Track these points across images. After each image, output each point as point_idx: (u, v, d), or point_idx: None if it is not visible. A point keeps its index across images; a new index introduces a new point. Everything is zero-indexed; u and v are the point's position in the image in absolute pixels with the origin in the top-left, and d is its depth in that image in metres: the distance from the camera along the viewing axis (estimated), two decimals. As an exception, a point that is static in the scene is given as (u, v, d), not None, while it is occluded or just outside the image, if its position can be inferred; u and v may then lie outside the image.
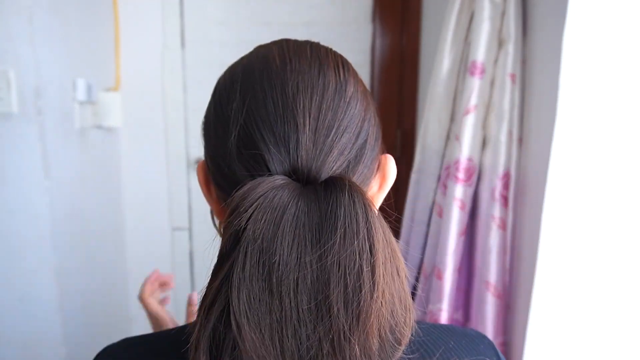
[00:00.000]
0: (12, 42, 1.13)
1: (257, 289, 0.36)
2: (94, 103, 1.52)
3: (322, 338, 0.36)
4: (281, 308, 0.36)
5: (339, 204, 0.37)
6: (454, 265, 1.07)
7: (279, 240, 0.36)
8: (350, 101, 0.43)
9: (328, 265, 0.36)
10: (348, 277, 0.36)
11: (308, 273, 0.36)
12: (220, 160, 0.43)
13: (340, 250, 0.36)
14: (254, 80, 0.43)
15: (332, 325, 0.36)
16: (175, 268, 1.91)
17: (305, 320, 0.36)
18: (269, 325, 0.36)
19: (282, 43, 0.47)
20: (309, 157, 0.40)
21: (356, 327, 0.36)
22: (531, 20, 1.01)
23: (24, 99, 1.15)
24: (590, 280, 0.92)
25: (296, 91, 0.41)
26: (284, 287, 0.36)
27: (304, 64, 0.43)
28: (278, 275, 0.36)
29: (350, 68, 0.46)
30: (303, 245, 0.36)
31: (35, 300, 1.25)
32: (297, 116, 0.40)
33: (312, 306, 0.36)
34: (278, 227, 0.36)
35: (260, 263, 0.36)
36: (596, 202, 0.90)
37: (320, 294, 0.36)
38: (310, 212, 0.37)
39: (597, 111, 0.87)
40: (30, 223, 1.22)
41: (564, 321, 0.95)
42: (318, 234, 0.37)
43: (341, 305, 0.36)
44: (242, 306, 0.35)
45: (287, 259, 0.36)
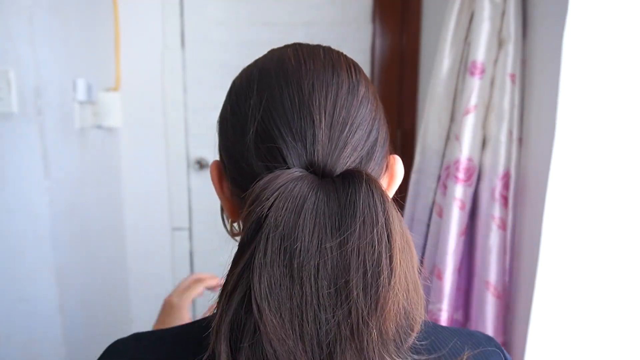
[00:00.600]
0: (12, 42, 1.13)
1: (278, 274, 0.37)
2: (94, 103, 1.52)
3: (340, 322, 0.37)
4: (302, 293, 0.37)
5: (358, 194, 0.39)
6: (454, 265, 1.07)
7: (300, 228, 0.37)
8: (362, 100, 0.45)
9: (348, 251, 0.37)
10: (367, 263, 0.37)
11: (328, 259, 0.37)
12: (238, 155, 0.45)
13: (360, 238, 0.37)
14: (270, 79, 0.44)
15: (351, 310, 0.37)
16: (175, 268, 1.91)
17: (325, 304, 0.37)
18: (289, 309, 0.37)
19: (295, 46, 0.49)
20: (325, 152, 0.42)
21: (374, 312, 0.37)
22: (531, 20, 1.01)
23: (24, 99, 1.15)
24: (591, 280, 0.92)
25: (312, 89, 0.43)
26: (305, 273, 0.37)
27: (318, 65, 0.45)
28: (299, 261, 0.37)
29: (361, 71, 0.48)
30: (324, 233, 0.38)
31: (35, 300, 1.25)
32: (313, 112, 0.42)
33: (332, 291, 0.37)
34: (299, 215, 0.38)
35: (281, 249, 0.37)
36: (596, 202, 0.90)
37: (340, 279, 0.37)
38: (329, 201, 0.39)
39: (597, 111, 0.87)
40: (30, 223, 1.22)
41: (565, 321, 0.95)
42: (338, 222, 0.38)
43: (360, 291, 0.37)
44: (263, 291, 0.37)
45: (308, 245, 0.37)
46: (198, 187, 1.88)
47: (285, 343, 0.37)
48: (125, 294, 1.87)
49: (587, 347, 0.95)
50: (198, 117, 1.82)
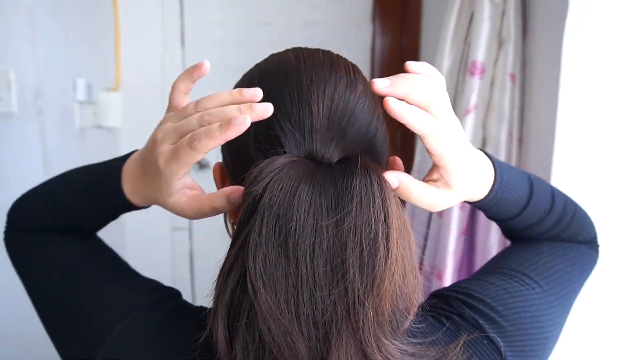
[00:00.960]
0: (12, 42, 1.13)
1: (273, 253, 0.37)
2: (94, 103, 1.52)
3: (337, 302, 0.37)
4: (297, 272, 0.37)
5: (354, 176, 0.39)
6: (454, 265, 1.07)
7: (295, 207, 0.38)
8: (360, 97, 0.45)
9: (344, 230, 0.37)
10: (364, 242, 0.37)
11: (324, 238, 0.37)
12: (238, 148, 0.46)
13: (357, 217, 0.37)
14: (270, 78, 0.46)
15: (347, 289, 0.37)
16: (175, 268, 1.91)
17: (321, 284, 0.37)
18: (285, 289, 0.37)
19: (295, 49, 0.50)
20: (323, 141, 0.43)
21: (370, 292, 0.37)
22: (531, 20, 1.01)
23: (24, 99, 1.15)
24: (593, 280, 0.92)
25: (310, 83, 0.44)
26: (300, 252, 0.37)
27: (317, 63, 0.46)
28: (294, 240, 0.37)
29: (359, 71, 0.49)
30: (319, 212, 0.38)
31: (35, 300, 1.25)
32: (311, 103, 0.43)
33: (328, 270, 0.37)
34: (294, 195, 0.38)
35: (276, 229, 0.37)
36: (597, 202, 0.90)
37: (336, 258, 0.37)
38: (325, 182, 0.39)
39: (597, 111, 0.87)
40: (30, 223, 1.22)
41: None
42: (334, 202, 0.38)
43: (356, 270, 0.37)
44: (258, 270, 0.37)
45: (304, 224, 0.37)
46: (198, 187, 1.87)
47: (280, 322, 0.37)
48: (125, 294, 1.87)
49: (588, 347, 0.95)
50: (198, 117, 1.82)
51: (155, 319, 0.47)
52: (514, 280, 0.50)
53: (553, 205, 0.56)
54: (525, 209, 0.53)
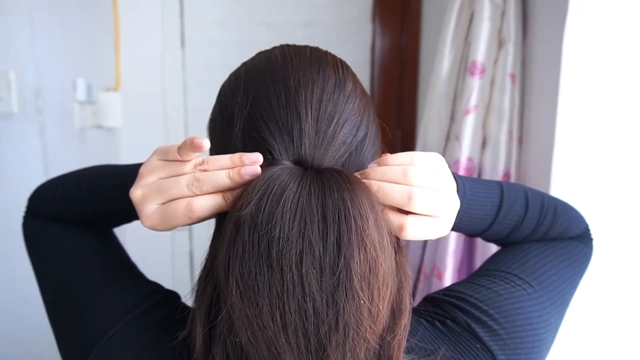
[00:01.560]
0: (12, 42, 1.13)
1: (252, 264, 0.36)
2: (94, 103, 1.52)
3: (339, 312, 0.35)
4: (282, 282, 0.35)
5: (341, 189, 0.37)
6: (454, 265, 1.06)
7: (279, 215, 0.36)
8: (349, 96, 0.44)
9: (335, 240, 0.36)
10: (358, 250, 0.36)
11: (315, 247, 0.35)
12: (225, 151, 0.44)
13: (348, 226, 0.36)
14: (257, 77, 0.44)
15: (346, 299, 0.35)
16: (175, 268, 1.91)
17: (313, 293, 0.35)
18: (268, 299, 0.35)
19: (282, 46, 0.48)
20: (312, 145, 0.41)
21: (370, 300, 0.36)
22: (531, 20, 1.01)
23: (24, 99, 1.15)
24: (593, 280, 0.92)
25: (298, 84, 0.43)
26: (285, 261, 0.35)
27: (305, 62, 0.45)
28: (278, 249, 0.35)
29: (348, 68, 0.47)
30: (307, 221, 0.36)
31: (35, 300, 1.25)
32: (299, 106, 0.42)
33: (322, 279, 0.35)
34: (277, 203, 0.36)
35: (255, 238, 0.36)
36: (597, 202, 0.90)
37: (329, 267, 0.36)
38: (312, 192, 0.37)
39: (597, 111, 0.87)
40: (30, 223, 1.22)
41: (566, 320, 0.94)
42: (323, 210, 0.36)
43: (354, 279, 0.35)
44: (232, 282, 0.35)
45: (289, 233, 0.36)
46: (198, 187, 1.87)
47: (263, 332, 0.35)
48: (125, 294, 1.87)
49: (589, 347, 0.95)
50: (198, 117, 1.82)
51: (147, 325, 0.47)
52: (504, 281, 0.49)
53: (527, 209, 0.55)
54: (494, 221, 0.53)
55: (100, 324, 0.47)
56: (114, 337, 0.46)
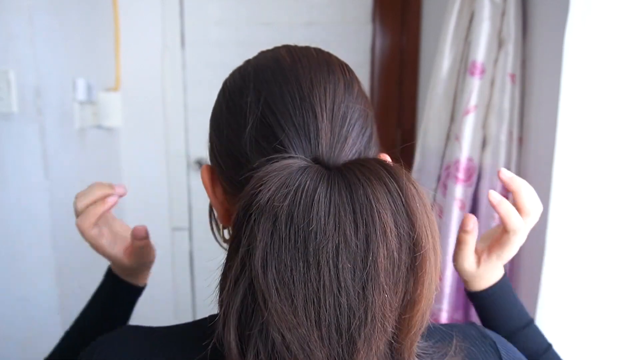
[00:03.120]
0: (12, 42, 1.13)
1: (288, 259, 0.35)
2: (94, 103, 1.52)
3: (368, 307, 0.36)
4: (319, 278, 0.35)
5: (372, 180, 0.37)
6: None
7: (314, 210, 0.36)
8: (357, 97, 0.45)
9: (370, 234, 0.36)
10: (391, 246, 0.36)
11: (350, 241, 0.35)
12: (236, 152, 0.44)
13: (381, 220, 0.36)
14: (267, 76, 0.44)
15: (378, 294, 0.36)
16: (175, 268, 1.91)
17: (348, 289, 0.35)
18: (304, 296, 0.35)
19: (287, 46, 0.48)
20: (328, 145, 0.42)
21: (400, 297, 0.37)
22: (531, 20, 1.01)
23: (24, 99, 1.15)
24: (595, 280, 0.92)
25: (311, 85, 0.43)
26: (323, 256, 0.35)
27: (313, 62, 0.45)
28: (315, 244, 0.35)
29: (352, 70, 0.48)
30: (341, 215, 0.36)
31: (35, 300, 1.25)
32: (315, 106, 0.42)
33: (356, 274, 0.36)
34: (312, 197, 0.36)
35: (291, 233, 0.35)
36: (598, 202, 0.89)
37: (364, 262, 0.36)
38: (341, 188, 0.37)
39: (598, 111, 0.87)
40: (30, 223, 1.22)
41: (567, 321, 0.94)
42: (356, 204, 0.36)
43: (387, 275, 0.36)
44: (269, 278, 0.35)
45: (324, 227, 0.35)
46: (198, 187, 1.87)
47: (297, 331, 0.35)
48: (125, 294, 1.87)
49: (591, 347, 0.95)
50: (198, 117, 1.82)
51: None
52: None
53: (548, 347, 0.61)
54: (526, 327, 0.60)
55: None
56: None
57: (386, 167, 0.38)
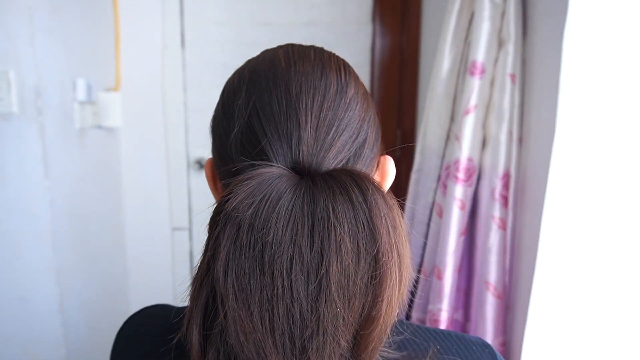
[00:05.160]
0: (12, 42, 1.13)
1: (247, 266, 0.37)
2: (94, 103, 1.52)
3: (320, 319, 0.36)
4: (273, 286, 0.36)
5: (337, 193, 0.38)
6: (454, 265, 1.07)
7: (273, 220, 0.37)
8: (350, 102, 0.45)
9: (326, 249, 0.36)
10: (347, 262, 0.36)
11: (304, 254, 0.36)
12: (225, 154, 0.45)
13: (338, 235, 0.36)
14: (259, 80, 0.45)
15: (328, 308, 0.36)
16: (175, 268, 1.91)
17: (300, 299, 0.36)
18: (259, 302, 0.36)
19: (287, 47, 0.49)
20: (310, 153, 0.42)
21: (355, 313, 0.37)
22: (531, 20, 1.01)
23: (24, 99, 1.15)
24: (590, 280, 0.92)
25: (299, 91, 0.43)
26: (277, 266, 0.36)
27: (308, 67, 0.45)
28: (271, 254, 0.36)
29: (351, 71, 0.48)
30: (299, 228, 0.37)
31: (35, 300, 1.25)
32: (299, 114, 0.42)
33: (309, 286, 0.36)
34: (273, 209, 0.37)
35: (251, 241, 0.37)
36: (596, 202, 0.90)
37: (317, 275, 0.36)
38: (305, 200, 0.38)
39: (597, 111, 0.87)
40: (30, 223, 1.22)
41: (562, 321, 0.95)
42: (316, 218, 0.37)
43: (339, 291, 0.36)
44: (229, 282, 0.36)
45: (281, 239, 0.37)
46: (198, 187, 1.88)
47: (252, 335, 0.36)
48: (125, 294, 1.87)
49: (585, 347, 0.95)
50: (198, 117, 1.82)
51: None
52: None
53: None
54: None
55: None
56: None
57: (357, 180, 0.38)
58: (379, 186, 0.39)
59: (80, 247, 1.42)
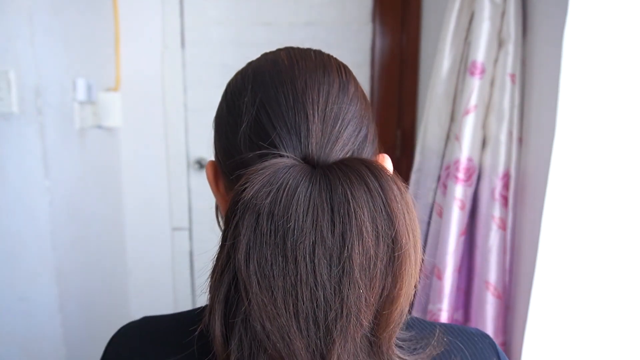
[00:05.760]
0: (12, 42, 1.13)
1: (268, 253, 0.37)
2: (94, 103, 1.52)
3: (344, 300, 0.37)
4: (296, 272, 0.37)
5: (353, 179, 0.39)
6: (454, 265, 1.07)
7: (294, 207, 0.38)
8: (352, 99, 0.46)
9: (347, 231, 0.37)
10: (368, 244, 0.37)
11: (327, 238, 0.37)
12: (233, 150, 0.46)
13: (358, 218, 0.37)
14: (264, 78, 0.46)
15: (352, 290, 0.37)
16: (175, 268, 1.91)
17: (324, 283, 0.37)
18: (282, 288, 0.37)
19: (288, 49, 0.50)
20: (318, 145, 0.43)
21: (377, 294, 0.38)
22: (531, 20, 1.01)
23: (24, 99, 1.15)
24: (590, 280, 0.92)
25: (305, 86, 0.45)
26: (300, 252, 0.37)
27: (310, 65, 0.47)
28: (293, 240, 0.37)
29: (350, 72, 0.50)
30: (319, 213, 0.38)
31: (35, 300, 1.25)
32: (307, 107, 0.44)
33: (333, 269, 0.37)
34: (292, 196, 0.38)
35: (272, 228, 0.38)
36: (596, 202, 0.90)
37: (340, 258, 0.37)
38: (322, 187, 0.39)
39: (597, 111, 0.87)
40: (30, 223, 1.22)
41: (562, 321, 0.95)
42: (335, 203, 0.38)
43: (362, 272, 0.37)
44: (251, 270, 0.37)
45: (302, 224, 0.37)
46: (198, 187, 1.88)
47: (276, 321, 0.37)
48: (125, 294, 1.87)
49: (585, 347, 0.95)
50: (198, 117, 1.82)
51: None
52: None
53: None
54: None
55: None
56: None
57: (370, 167, 0.40)
58: (389, 172, 0.41)
59: (80, 247, 1.41)
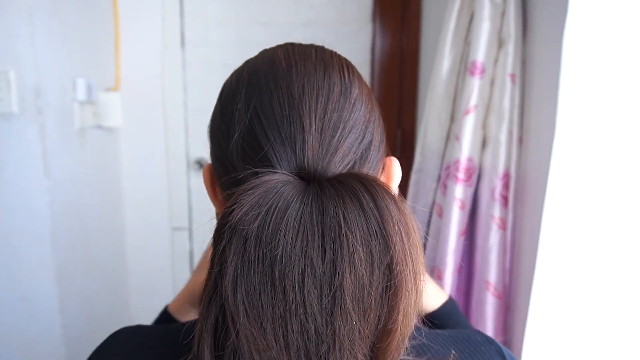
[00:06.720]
0: (12, 42, 1.13)
1: (256, 282, 0.35)
2: (94, 103, 1.52)
3: (335, 333, 0.35)
4: (285, 302, 0.34)
5: (346, 200, 0.36)
6: (454, 265, 1.07)
7: (282, 233, 0.35)
8: (355, 103, 0.43)
9: (338, 259, 0.35)
10: (362, 272, 0.35)
11: (316, 266, 0.35)
12: (226, 160, 0.43)
13: (351, 244, 0.35)
14: (259, 81, 0.43)
15: (344, 322, 0.35)
16: (175, 268, 1.91)
17: (315, 314, 0.35)
18: (271, 319, 0.35)
19: (287, 46, 0.47)
20: (315, 157, 0.40)
21: (372, 326, 0.36)
22: (531, 20, 1.01)
23: (24, 99, 1.15)
24: (590, 280, 0.92)
25: (302, 92, 0.41)
26: (288, 281, 0.34)
27: (310, 67, 0.43)
28: (281, 268, 0.34)
29: (354, 71, 0.46)
30: (309, 239, 0.35)
31: (35, 300, 1.25)
32: (303, 117, 0.40)
33: (323, 300, 0.35)
34: (281, 220, 0.35)
35: (259, 256, 0.35)
36: (596, 202, 0.90)
37: (330, 288, 0.35)
38: (313, 209, 0.36)
39: (597, 111, 0.87)
40: (30, 223, 1.22)
41: (562, 321, 0.95)
42: (326, 227, 0.35)
43: (355, 303, 0.35)
44: (239, 299, 0.35)
45: (291, 252, 0.35)
46: (198, 187, 1.88)
47: (267, 353, 0.35)
48: (125, 294, 1.87)
49: (585, 347, 0.95)
50: (198, 117, 1.82)
51: None
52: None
53: None
54: None
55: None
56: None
57: (367, 184, 0.37)
58: (389, 190, 0.37)
59: (80, 247, 1.41)
